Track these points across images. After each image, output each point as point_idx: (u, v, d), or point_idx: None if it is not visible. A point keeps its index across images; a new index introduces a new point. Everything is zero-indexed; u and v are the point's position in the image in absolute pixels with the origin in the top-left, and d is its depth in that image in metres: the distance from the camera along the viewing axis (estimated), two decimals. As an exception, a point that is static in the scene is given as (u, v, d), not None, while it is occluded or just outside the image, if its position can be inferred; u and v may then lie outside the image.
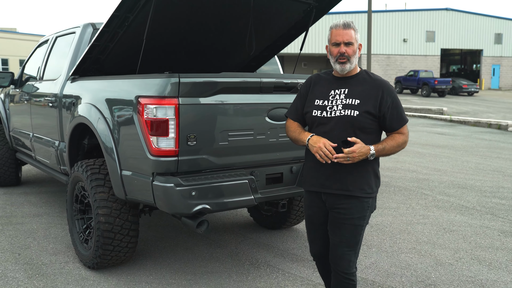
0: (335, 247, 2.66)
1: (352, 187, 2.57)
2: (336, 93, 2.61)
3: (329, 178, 2.60)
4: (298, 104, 2.76)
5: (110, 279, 3.70)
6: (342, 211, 2.60)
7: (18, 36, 43.19)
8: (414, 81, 33.36)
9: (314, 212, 2.73)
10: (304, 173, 2.78)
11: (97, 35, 3.78)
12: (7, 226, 4.94)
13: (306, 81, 2.79)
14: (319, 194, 2.67)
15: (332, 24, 2.62)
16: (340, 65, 2.58)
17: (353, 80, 2.63)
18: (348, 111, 2.53)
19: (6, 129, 6.31)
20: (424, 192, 6.66)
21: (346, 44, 2.56)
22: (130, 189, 3.36)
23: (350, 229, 2.62)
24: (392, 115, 2.58)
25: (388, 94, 2.58)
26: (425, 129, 14.71)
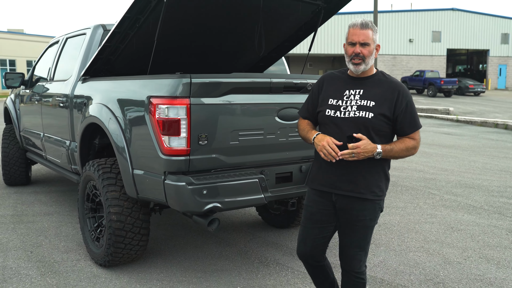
0: (346, 248, 2.67)
1: (364, 190, 2.55)
2: (351, 93, 2.57)
3: (341, 179, 2.57)
4: (309, 103, 2.75)
5: (122, 276, 3.75)
6: (355, 213, 2.58)
7: (25, 37, 43.42)
8: (420, 81, 33.29)
9: (318, 210, 2.67)
10: (313, 171, 2.73)
11: (108, 36, 3.84)
12: (19, 225, 5.00)
13: (319, 79, 2.75)
14: (329, 194, 2.63)
15: (350, 22, 2.58)
16: (354, 65, 2.54)
17: (369, 81, 2.59)
18: (363, 112, 2.49)
19: (16, 129, 6.39)
20: (431, 191, 6.67)
21: (362, 44, 2.51)
22: (142, 188, 3.41)
23: (362, 231, 2.62)
24: (404, 119, 2.53)
25: (404, 97, 2.54)
26: (432, 129, 14.69)
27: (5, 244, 4.43)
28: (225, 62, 4.89)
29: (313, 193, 2.71)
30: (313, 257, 2.74)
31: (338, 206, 2.62)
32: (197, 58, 4.65)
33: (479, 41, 42.43)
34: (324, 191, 2.65)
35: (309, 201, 2.72)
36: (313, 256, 2.74)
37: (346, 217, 2.62)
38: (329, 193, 2.63)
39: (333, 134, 2.54)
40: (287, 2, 4.02)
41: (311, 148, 2.81)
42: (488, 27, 42.40)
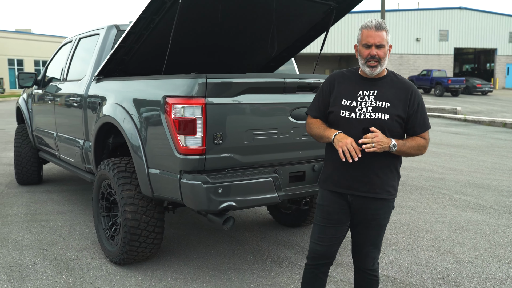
0: (361, 246, 2.70)
1: (380, 190, 2.57)
2: (365, 94, 2.56)
3: (356, 180, 2.57)
4: (320, 102, 2.69)
5: (136, 274, 3.80)
6: (370, 212, 2.60)
7: (33, 37, 43.68)
8: (427, 80, 33.20)
9: (335, 209, 2.65)
10: (326, 173, 2.69)
11: (123, 37, 3.89)
12: (33, 223, 5.07)
13: (329, 79, 2.71)
14: (344, 195, 2.63)
15: (363, 24, 2.55)
16: (369, 68, 2.53)
17: (382, 82, 2.58)
18: (379, 114, 2.49)
19: (29, 128, 6.46)
20: (441, 191, 6.68)
21: (377, 46, 2.49)
22: (157, 186, 3.45)
23: (376, 229, 2.65)
24: (416, 119, 2.56)
25: (416, 97, 2.56)
26: (440, 129, 14.66)
27: (20, 242, 4.49)
28: (236, 62, 4.93)
29: (327, 193, 2.69)
30: (326, 257, 2.73)
31: (353, 206, 2.63)
32: (209, 58, 4.69)
33: (487, 40, 42.24)
34: (340, 192, 2.64)
35: (325, 200, 2.69)
36: (327, 256, 2.72)
37: (361, 217, 2.64)
38: (344, 194, 2.63)
39: (348, 135, 2.52)
40: (299, 3, 4.05)
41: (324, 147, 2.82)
42: (495, 26, 42.20)
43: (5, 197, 6.13)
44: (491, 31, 42.14)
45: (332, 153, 2.62)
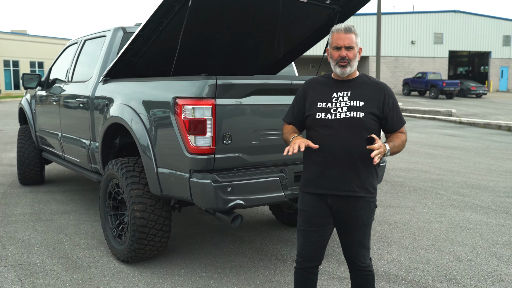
0: (349, 247, 2.74)
1: (359, 188, 2.61)
2: (339, 95, 2.64)
3: (336, 179, 2.61)
4: (295, 108, 2.77)
5: (144, 272, 3.87)
6: (352, 213, 2.64)
7: (29, 38, 43.56)
8: (422, 83, 33.44)
9: (315, 213, 2.68)
10: (306, 175, 2.73)
11: (131, 39, 3.96)
12: (38, 223, 5.12)
13: (303, 85, 2.79)
14: (324, 196, 2.66)
15: (333, 28, 2.66)
16: (340, 68, 2.63)
17: (354, 83, 2.68)
18: (354, 113, 2.57)
19: (32, 129, 6.51)
20: (439, 192, 6.79)
21: (347, 48, 2.60)
22: (166, 185, 3.53)
23: (361, 229, 2.68)
24: (393, 117, 2.67)
25: (389, 96, 2.67)
26: (435, 131, 14.81)
27: (27, 241, 4.55)
28: (241, 64, 5.01)
29: (308, 197, 2.71)
30: (314, 260, 2.76)
31: (334, 208, 2.66)
32: (215, 60, 4.77)
33: (481, 43, 42.58)
34: (320, 193, 2.66)
35: (305, 205, 2.72)
36: (314, 259, 2.76)
37: (344, 218, 2.67)
38: (325, 195, 2.65)
39: (325, 136, 2.59)
40: (304, 6, 4.14)
41: None
42: (490, 29, 42.55)
43: (8, 197, 6.18)
44: (485, 34, 42.48)
45: (311, 155, 2.67)
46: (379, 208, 5.86)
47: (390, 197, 6.44)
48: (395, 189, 6.94)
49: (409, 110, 21.69)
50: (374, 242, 4.63)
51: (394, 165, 8.78)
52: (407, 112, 21.60)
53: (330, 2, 4.24)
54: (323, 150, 2.59)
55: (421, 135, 13.66)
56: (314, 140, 2.60)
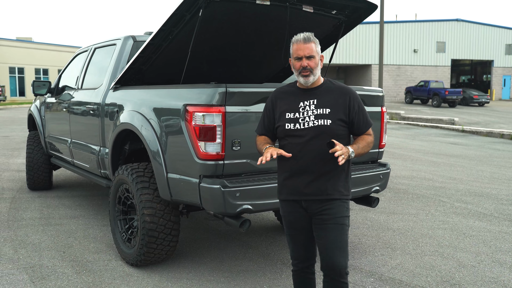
0: (324, 250, 2.68)
1: (331, 191, 2.67)
2: (306, 104, 2.68)
3: (308, 185, 2.66)
4: (265, 120, 2.82)
5: (153, 275, 3.95)
6: (325, 212, 2.67)
7: (34, 45, 43.91)
8: (424, 91, 33.55)
9: (295, 217, 2.77)
10: (280, 183, 2.80)
11: (142, 48, 4.07)
12: (48, 227, 5.21)
13: (271, 97, 2.83)
14: (299, 201, 2.72)
15: (293, 38, 2.70)
16: (303, 77, 2.67)
17: (319, 90, 2.72)
18: (321, 121, 2.62)
19: (41, 135, 6.61)
20: (442, 199, 6.86)
21: (307, 57, 2.64)
22: (176, 191, 3.61)
23: (335, 229, 2.67)
24: (359, 120, 2.72)
25: (354, 100, 2.71)
26: (438, 139, 14.89)
27: (38, 245, 4.63)
28: (248, 72, 5.12)
29: (285, 203, 2.79)
30: (307, 259, 2.83)
31: (309, 211, 2.72)
32: (223, 68, 4.87)
33: (484, 51, 42.72)
34: (294, 199, 2.73)
35: (284, 211, 2.82)
36: (308, 258, 2.83)
37: (318, 219, 2.70)
38: (299, 200, 2.72)
39: (295, 146, 2.64)
40: (311, 17, 4.24)
41: None
42: (492, 38, 42.70)
43: (17, 202, 6.27)
44: (488, 43, 42.63)
45: (283, 163, 2.73)
46: (382, 215, 5.94)
47: (393, 204, 6.51)
48: (398, 196, 7.01)
49: (412, 118, 21.78)
50: (378, 248, 4.70)
51: (397, 173, 8.85)
52: (409, 120, 21.69)
53: (336, 13, 4.35)
54: (294, 159, 2.65)
55: (424, 143, 13.73)
56: (286, 149, 2.66)
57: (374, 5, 4.32)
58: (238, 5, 3.87)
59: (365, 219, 5.76)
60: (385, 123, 4.29)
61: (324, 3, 4.16)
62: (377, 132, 4.24)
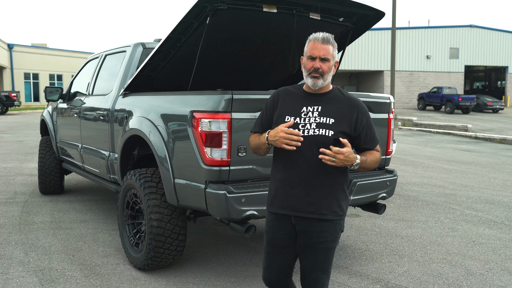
0: (308, 271, 2.57)
1: (326, 211, 2.47)
2: (309, 110, 2.48)
3: (301, 200, 2.47)
4: (263, 118, 2.61)
5: (160, 280, 3.99)
6: (315, 234, 2.49)
7: (48, 51, 44.55)
8: (437, 97, 33.35)
9: (279, 235, 2.56)
10: (271, 195, 2.60)
11: (151, 55, 4.13)
12: (58, 231, 5.28)
13: (273, 95, 2.62)
14: (288, 216, 2.52)
15: (310, 36, 2.51)
16: (312, 79, 2.45)
17: (326, 97, 2.52)
18: (323, 130, 2.42)
19: (53, 140, 6.71)
20: (452, 206, 6.81)
21: (322, 59, 2.45)
22: (183, 196, 3.65)
23: (324, 253, 2.53)
24: (367, 135, 2.53)
25: (363, 114, 2.52)
26: (450, 146, 14.78)
27: (48, 248, 4.70)
28: (256, 79, 5.16)
29: (272, 217, 2.59)
30: (280, 283, 2.65)
31: (298, 228, 2.52)
32: (231, 75, 4.92)
33: (498, 57, 42.32)
34: (284, 214, 2.53)
35: (269, 226, 2.61)
36: (280, 282, 2.65)
37: (307, 240, 2.52)
38: (289, 216, 2.52)
39: (292, 153, 2.43)
40: (318, 24, 4.27)
41: None
42: (506, 43, 42.30)
43: (29, 206, 6.37)
44: (502, 49, 42.23)
45: (276, 173, 2.55)
46: (391, 221, 5.92)
47: (402, 211, 6.49)
48: (408, 203, 6.98)
49: (424, 125, 21.65)
50: (385, 255, 4.69)
51: (408, 180, 8.81)
52: (421, 127, 21.56)
53: (343, 20, 4.37)
54: (288, 169, 2.47)
55: (436, 150, 13.65)
56: (280, 158, 2.51)
57: (382, 12, 4.33)
58: (245, 13, 3.91)
59: (374, 225, 5.75)
60: (392, 130, 4.30)
61: (331, 11, 4.19)
62: (384, 139, 4.24)
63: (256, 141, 2.56)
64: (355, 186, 3.88)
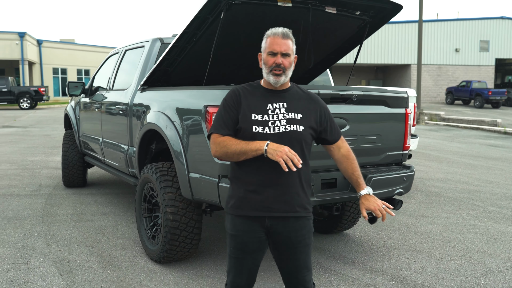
0: (294, 273, 2.51)
1: (299, 208, 2.44)
2: (275, 107, 2.42)
3: (277, 200, 2.39)
4: (227, 118, 2.42)
5: (175, 272, 4.04)
6: (293, 234, 2.44)
7: (76, 46, 45.38)
8: (466, 92, 32.64)
9: (250, 239, 2.44)
10: (238, 197, 2.45)
11: (167, 50, 4.16)
12: (79, 223, 5.40)
13: (231, 94, 2.49)
14: (261, 219, 2.42)
15: (268, 31, 2.45)
16: (274, 77, 2.39)
17: (289, 93, 2.48)
18: (294, 126, 2.38)
19: (76, 134, 6.86)
20: (475, 203, 6.68)
21: (283, 55, 2.38)
22: (197, 190, 3.69)
23: (305, 251, 2.48)
24: (331, 127, 2.53)
25: (324, 107, 2.53)
26: (477, 141, 14.46)
27: (68, 240, 4.82)
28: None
29: (241, 220, 2.45)
30: (249, 286, 2.58)
31: (274, 230, 2.44)
32: (246, 69, 4.91)
33: (530, 50, 41.11)
34: (257, 216, 2.42)
35: (237, 230, 2.46)
36: (250, 286, 2.58)
37: (286, 241, 2.45)
38: (262, 217, 2.42)
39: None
40: (334, 18, 4.23)
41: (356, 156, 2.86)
42: (539, 36, 41.03)
43: (53, 198, 6.53)
44: (534, 42, 41.00)
45: (245, 175, 2.43)
46: (411, 217, 5.84)
47: (423, 207, 6.40)
48: (429, 199, 6.88)
49: (452, 120, 21.23)
50: (403, 251, 4.64)
51: (431, 175, 8.67)
52: (449, 121, 21.15)
53: (360, 13, 4.32)
54: (260, 168, 2.37)
55: (462, 145, 13.38)
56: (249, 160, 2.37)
57: (400, 6, 4.26)
58: (259, 8, 3.90)
59: (393, 221, 5.69)
60: (409, 125, 4.23)
61: (347, 4, 4.14)
62: (400, 134, 4.18)
63: (242, 147, 2.33)
64: (370, 182, 3.84)
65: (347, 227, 5.05)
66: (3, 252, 4.43)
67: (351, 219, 4.92)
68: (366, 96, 3.92)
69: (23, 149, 11.50)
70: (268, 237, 2.47)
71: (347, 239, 5.00)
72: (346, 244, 4.83)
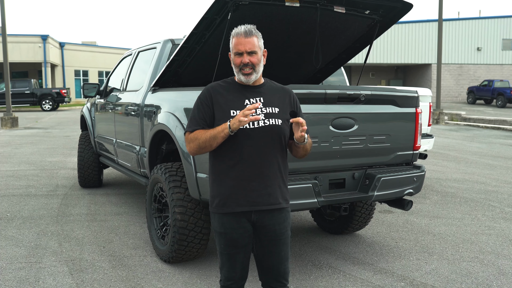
0: (276, 265, 2.55)
1: (281, 199, 2.50)
2: (252, 102, 2.45)
3: (260, 193, 2.44)
4: (205, 115, 2.48)
5: (184, 272, 4.06)
6: (278, 227, 2.50)
7: (97, 49, 46.00)
8: (488, 91, 32.04)
9: (239, 234, 2.48)
10: (223, 195, 2.47)
11: (177, 51, 4.20)
12: (93, 223, 5.47)
13: (205, 91, 2.54)
14: (247, 213, 2.46)
15: (232, 32, 2.48)
16: (244, 76, 2.44)
17: (263, 88, 2.53)
18: (272, 120, 2.43)
19: (91, 135, 6.95)
20: (492, 204, 6.56)
21: (249, 53, 2.42)
22: (204, 190, 3.70)
23: (286, 243, 2.55)
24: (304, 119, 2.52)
25: (297, 100, 2.61)
26: (498, 141, 14.20)
27: (81, 239, 4.89)
28: (283, 73, 5.13)
29: (228, 218, 2.48)
30: (242, 278, 2.63)
31: (259, 224, 2.49)
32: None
33: (555, 49, 40.16)
34: (243, 211, 2.46)
35: (226, 228, 2.49)
36: (243, 277, 2.62)
37: (270, 234, 2.50)
38: (248, 212, 2.46)
39: (244, 147, 2.42)
40: (343, 17, 4.20)
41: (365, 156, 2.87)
42: None
43: (68, 198, 6.63)
44: (559, 40, 40.03)
45: (227, 172, 2.46)
46: (425, 218, 5.77)
47: (438, 208, 6.31)
48: (445, 199, 6.78)
49: (473, 119, 20.88)
50: (414, 253, 4.58)
51: (448, 176, 8.54)
52: (470, 121, 20.81)
53: (369, 13, 4.28)
54: (242, 163, 2.42)
55: (482, 145, 13.15)
56: (229, 155, 2.43)
57: (410, 4, 4.22)
58: (267, 8, 3.90)
59: (406, 222, 5.62)
60: (419, 125, 4.18)
61: (356, 3, 4.11)
62: (411, 133, 4.14)
63: (209, 134, 2.39)
64: (379, 182, 3.82)
65: (358, 228, 5.01)
66: (17, 251, 4.52)
67: (363, 219, 4.88)
68: (375, 96, 3.89)
69: (42, 150, 11.71)
70: (254, 230, 2.52)
71: (358, 240, 4.96)
72: (357, 245, 4.80)
